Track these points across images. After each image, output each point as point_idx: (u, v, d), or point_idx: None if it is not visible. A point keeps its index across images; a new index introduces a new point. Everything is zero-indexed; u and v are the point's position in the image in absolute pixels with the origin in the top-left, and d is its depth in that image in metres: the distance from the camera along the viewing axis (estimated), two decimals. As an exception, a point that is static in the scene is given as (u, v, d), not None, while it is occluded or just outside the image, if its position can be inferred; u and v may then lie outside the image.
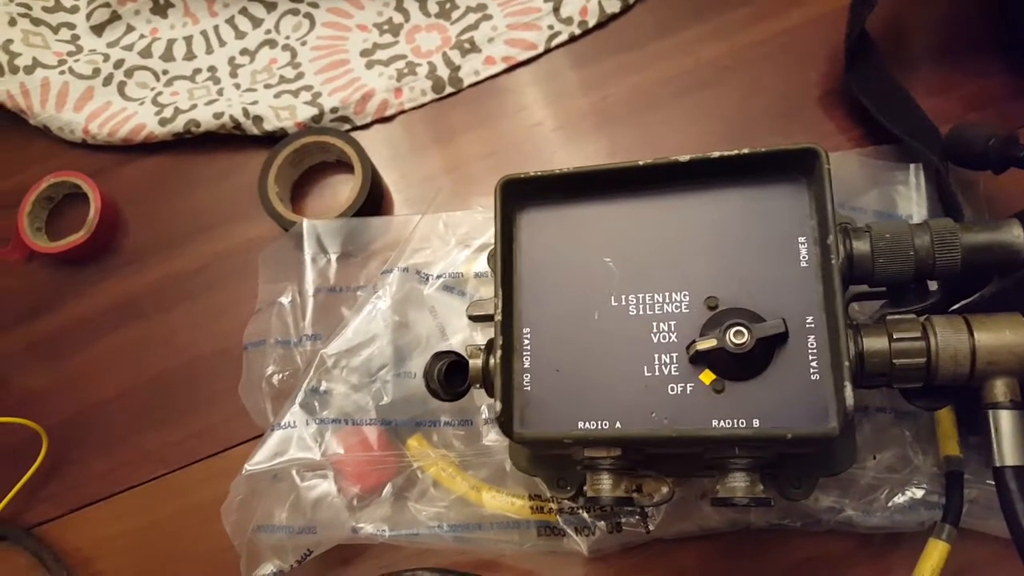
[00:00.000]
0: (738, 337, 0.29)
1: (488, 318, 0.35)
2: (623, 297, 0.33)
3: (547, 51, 0.50)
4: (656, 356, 0.32)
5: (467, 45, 0.49)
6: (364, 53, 0.51)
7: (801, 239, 0.31)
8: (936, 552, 0.35)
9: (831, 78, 0.47)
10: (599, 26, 0.50)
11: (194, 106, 0.50)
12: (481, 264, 0.43)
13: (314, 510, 0.38)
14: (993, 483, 0.30)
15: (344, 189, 0.48)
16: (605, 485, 0.33)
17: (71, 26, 0.54)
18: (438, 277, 0.43)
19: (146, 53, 0.53)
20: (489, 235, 0.43)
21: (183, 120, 0.50)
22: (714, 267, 0.32)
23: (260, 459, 0.39)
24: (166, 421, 0.46)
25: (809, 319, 0.31)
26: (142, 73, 0.52)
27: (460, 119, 0.49)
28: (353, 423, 0.39)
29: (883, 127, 0.43)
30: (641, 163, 0.33)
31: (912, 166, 0.41)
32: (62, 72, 0.52)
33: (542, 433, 0.32)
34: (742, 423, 0.30)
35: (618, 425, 0.31)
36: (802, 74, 0.47)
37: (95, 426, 0.47)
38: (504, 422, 0.32)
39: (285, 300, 0.44)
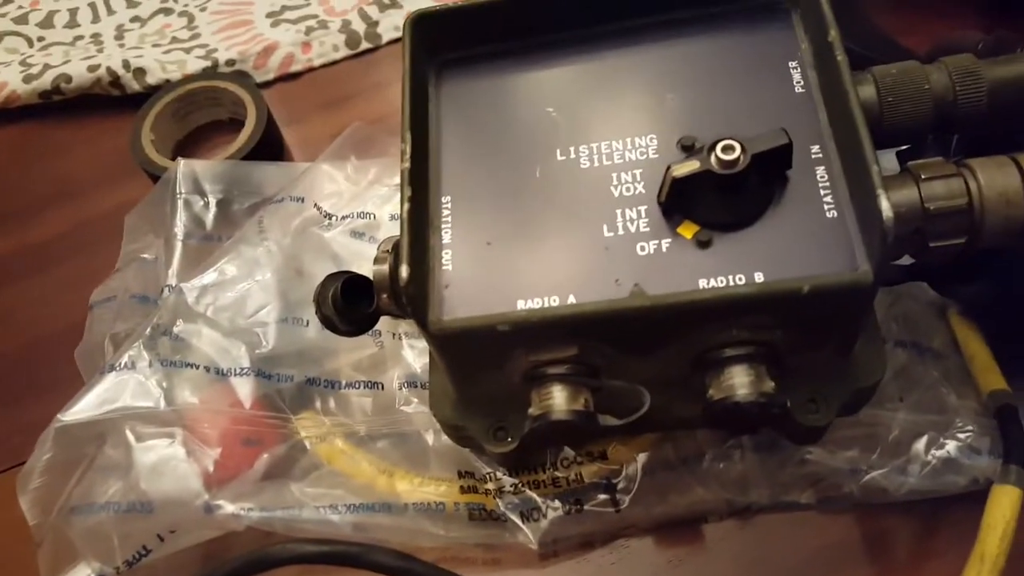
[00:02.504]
0: (727, 152, 0.22)
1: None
2: (572, 149, 0.25)
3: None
4: (618, 212, 0.24)
5: (387, 0, 0.44)
6: (271, 15, 0.45)
7: (792, 64, 0.25)
8: (1006, 499, 0.25)
9: None
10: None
11: (67, 62, 0.43)
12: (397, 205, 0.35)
13: (151, 479, 0.27)
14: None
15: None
16: (558, 398, 0.23)
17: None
18: (344, 218, 0.35)
19: (21, 20, 0.46)
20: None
21: (52, 75, 0.42)
22: (687, 105, 0.25)
23: (81, 408, 0.28)
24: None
25: (815, 148, 0.23)
26: (12, 39, 0.45)
27: (380, 77, 0.43)
28: (218, 373, 0.29)
29: None
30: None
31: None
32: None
33: (469, 319, 0.23)
34: (740, 278, 0.22)
35: (571, 299, 0.23)
36: None
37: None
38: (414, 299, 0.23)
39: (148, 255, 0.35)
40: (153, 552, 0.27)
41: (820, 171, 0.23)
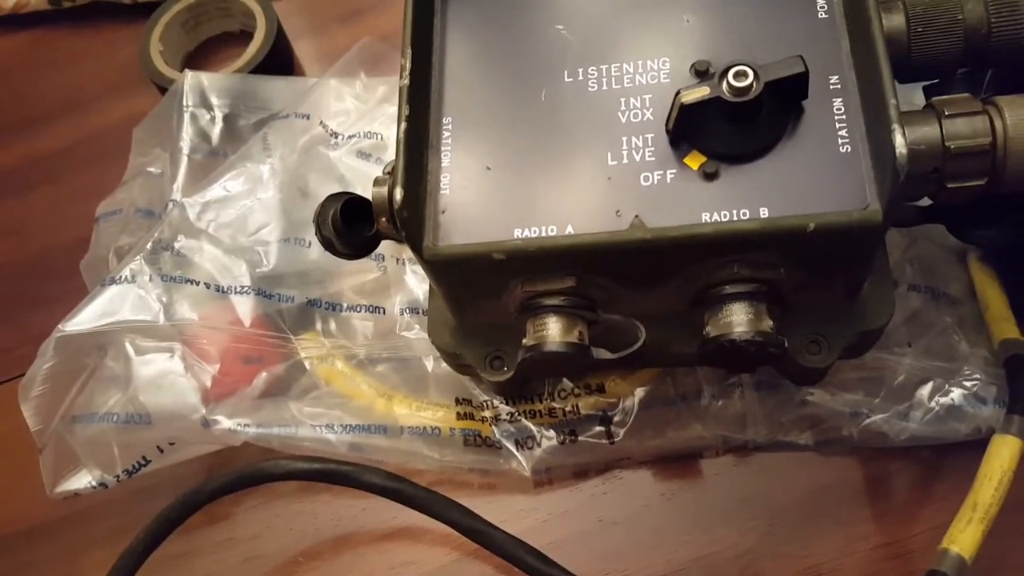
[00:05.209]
0: (739, 79, 0.21)
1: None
2: (580, 70, 0.24)
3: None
4: (624, 139, 0.23)
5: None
6: (285, -78, 0.43)
7: (818, -13, 0.24)
8: (1006, 449, 0.25)
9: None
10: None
11: (75, -33, 0.42)
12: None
13: (150, 392, 0.27)
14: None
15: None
16: (552, 329, 0.23)
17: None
18: (350, 138, 0.34)
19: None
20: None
21: (61, -18, 0.41)
22: (705, 28, 0.24)
23: (82, 320, 0.28)
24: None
25: (834, 79, 0.22)
26: (20, -59, 0.44)
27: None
28: (218, 290, 0.29)
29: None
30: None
31: None
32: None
33: (464, 246, 0.23)
34: (744, 214, 0.21)
35: (569, 229, 0.22)
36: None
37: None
38: (408, 223, 0.22)
39: (155, 169, 0.35)
40: (153, 463, 0.28)
41: (837, 103, 0.22)
